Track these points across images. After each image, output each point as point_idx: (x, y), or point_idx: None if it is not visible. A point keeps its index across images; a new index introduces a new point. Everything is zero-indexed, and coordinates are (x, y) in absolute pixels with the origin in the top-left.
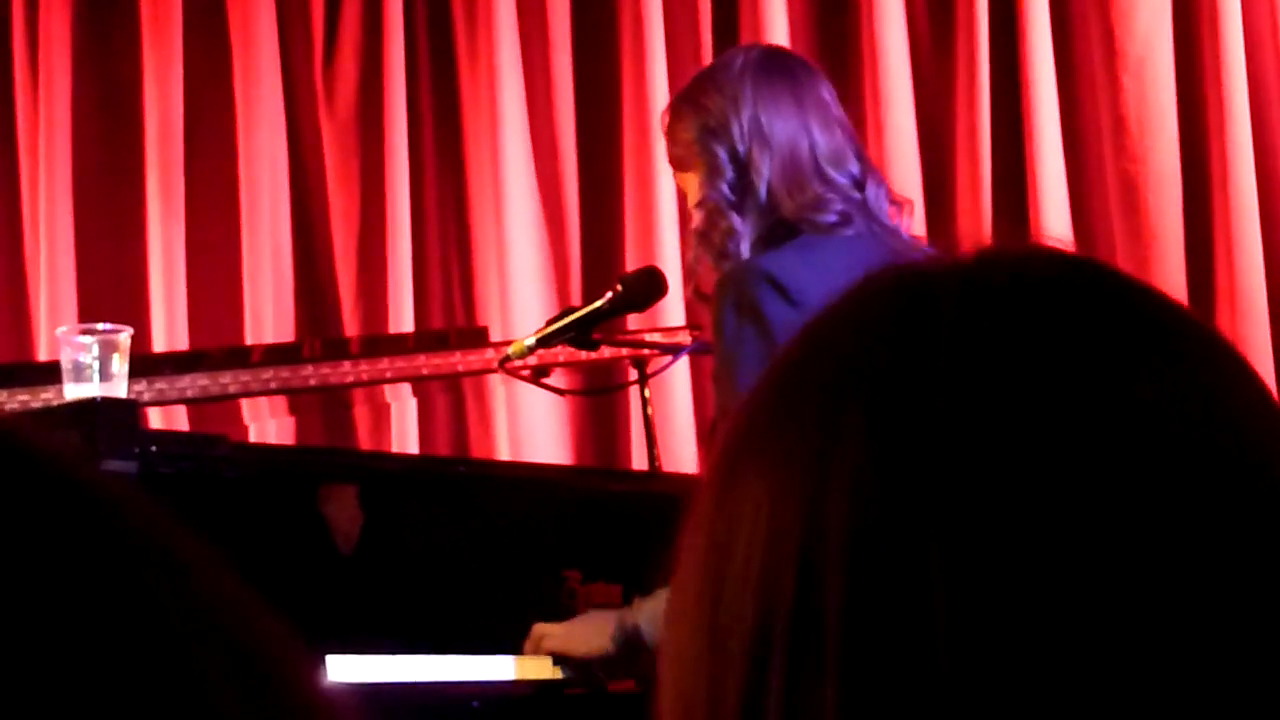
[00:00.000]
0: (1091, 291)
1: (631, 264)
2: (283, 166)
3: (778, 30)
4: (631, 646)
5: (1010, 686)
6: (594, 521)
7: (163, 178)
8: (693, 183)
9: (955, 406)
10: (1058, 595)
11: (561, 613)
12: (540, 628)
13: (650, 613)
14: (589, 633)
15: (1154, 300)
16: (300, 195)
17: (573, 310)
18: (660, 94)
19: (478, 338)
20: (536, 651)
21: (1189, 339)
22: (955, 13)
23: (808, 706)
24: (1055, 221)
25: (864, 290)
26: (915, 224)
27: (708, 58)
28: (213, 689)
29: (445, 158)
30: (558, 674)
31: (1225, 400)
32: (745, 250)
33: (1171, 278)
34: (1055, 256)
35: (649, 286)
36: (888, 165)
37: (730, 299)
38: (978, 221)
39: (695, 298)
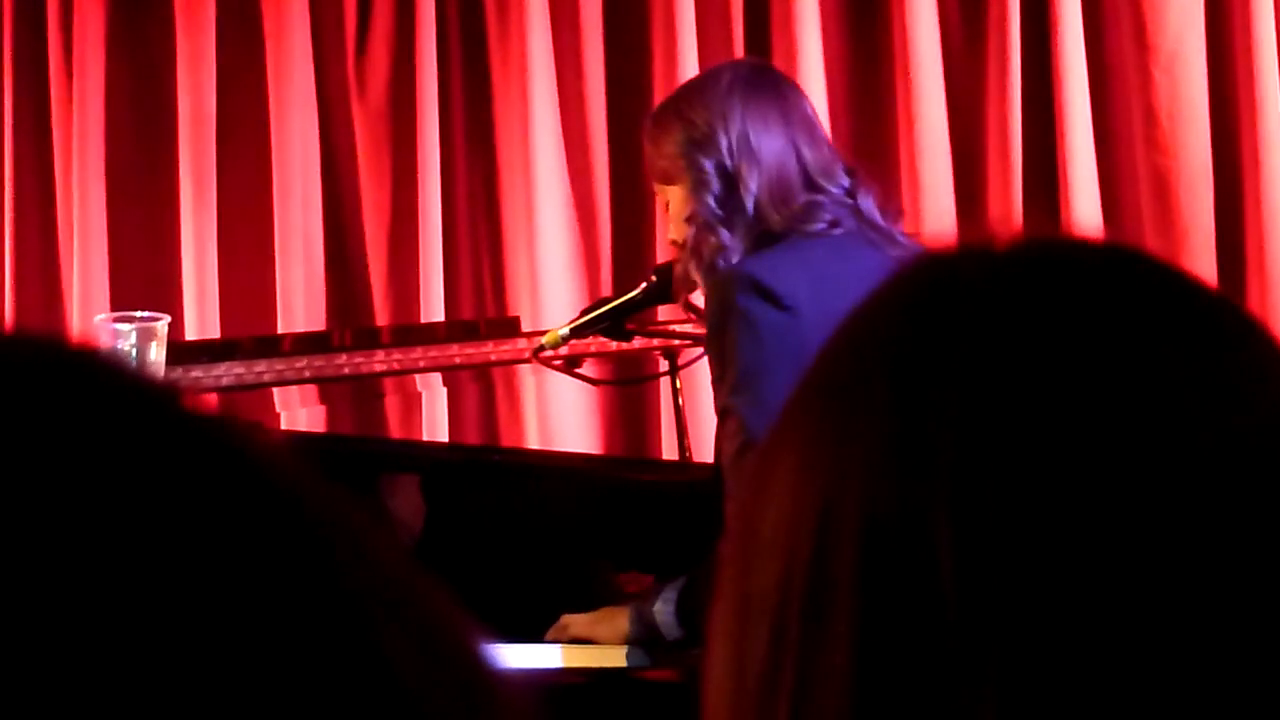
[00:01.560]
0: (1123, 276)
1: (661, 255)
2: (315, 156)
3: (809, 23)
4: (650, 635)
5: (1011, 641)
6: (625, 512)
7: (195, 167)
8: (676, 195)
9: (975, 383)
10: (1065, 570)
11: (595, 602)
12: (566, 618)
13: (664, 600)
14: (610, 622)
15: (1189, 285)
16: (332, 185)
17: (606, 300)
18: None
19: (509, 327)
20: (561, 638)
21: (1224, 325)
22: (987, 6)
23: (822, 656)
24: (1086, 216)
25: (899, 275)
26: (945, 221)
27: (739, 48)
28: (399, 664)
29: (477, 148)
30: (607, 661)
31: (1259, 387)
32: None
33: (1202, 271)
34: (1088, 244)
35: None
36: (918, 160)
37: (719, 306)
38: (1009, 216)
39: (685, 309)
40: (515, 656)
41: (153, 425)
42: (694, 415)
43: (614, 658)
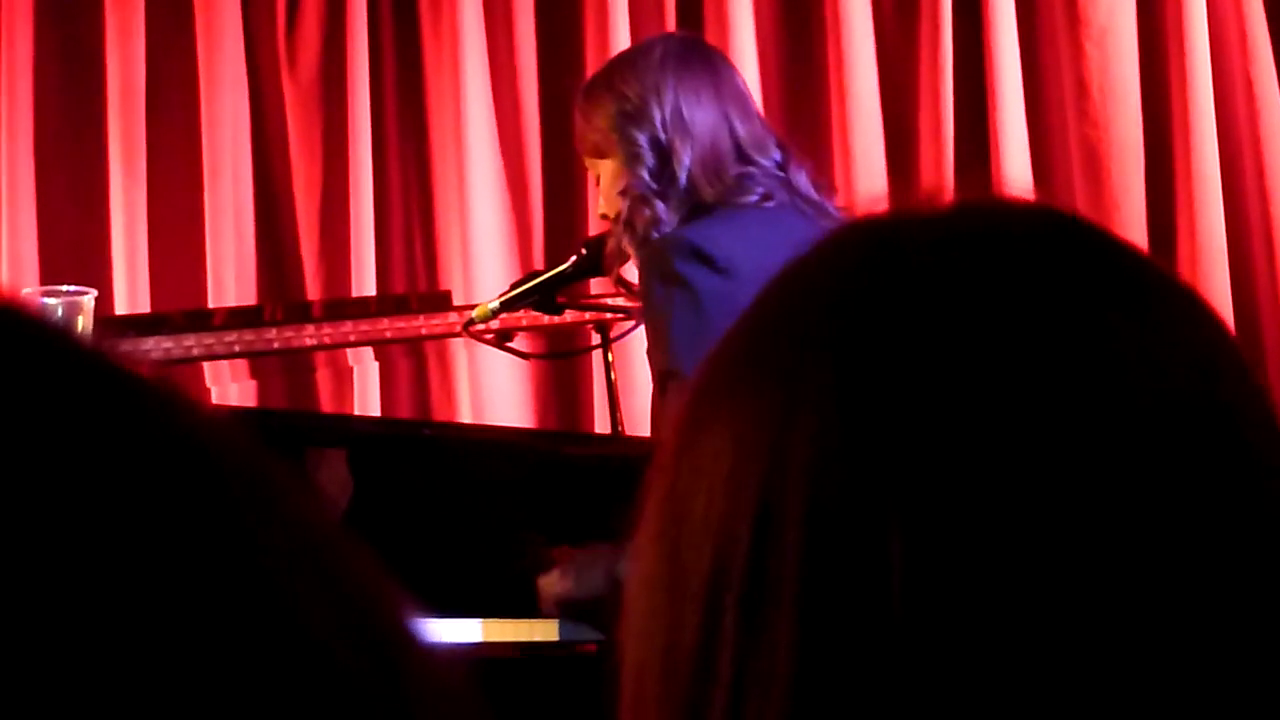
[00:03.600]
0: (1065, 243)
1: (594, 228)
2: (245, 129)
3: None
4: (616, 588)
5: (963, 639)
6: (557, 485)
7: (124, 140)
8: (608, 169)
9: (924, 360)
10: (1017, 550)
11: (527, 577)
12: (544, 581)
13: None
14: (585, 574)
15: (1129, 255)
16: (263, 158)
17: (537, 274)
18: None
19: (440, 301)
20: (547, 604)
21: (1162, 293)
22: None
23: (761, 653)
24: (1018, 188)
25: (836, 239)
26: (877, 194)
27: (671, 21)
28: (312, 623)
29: (408, 121)
30: (522, 636)
31: (1198, 358)
32: None
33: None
34: (1029, 209)
35: None
36: (850, 131)
37: (656, 273)
38: (941, 188)
39: (616, 284)
40: (439, 631)
41: (63, 377)
42: (626, 388)
43: (545, 631)
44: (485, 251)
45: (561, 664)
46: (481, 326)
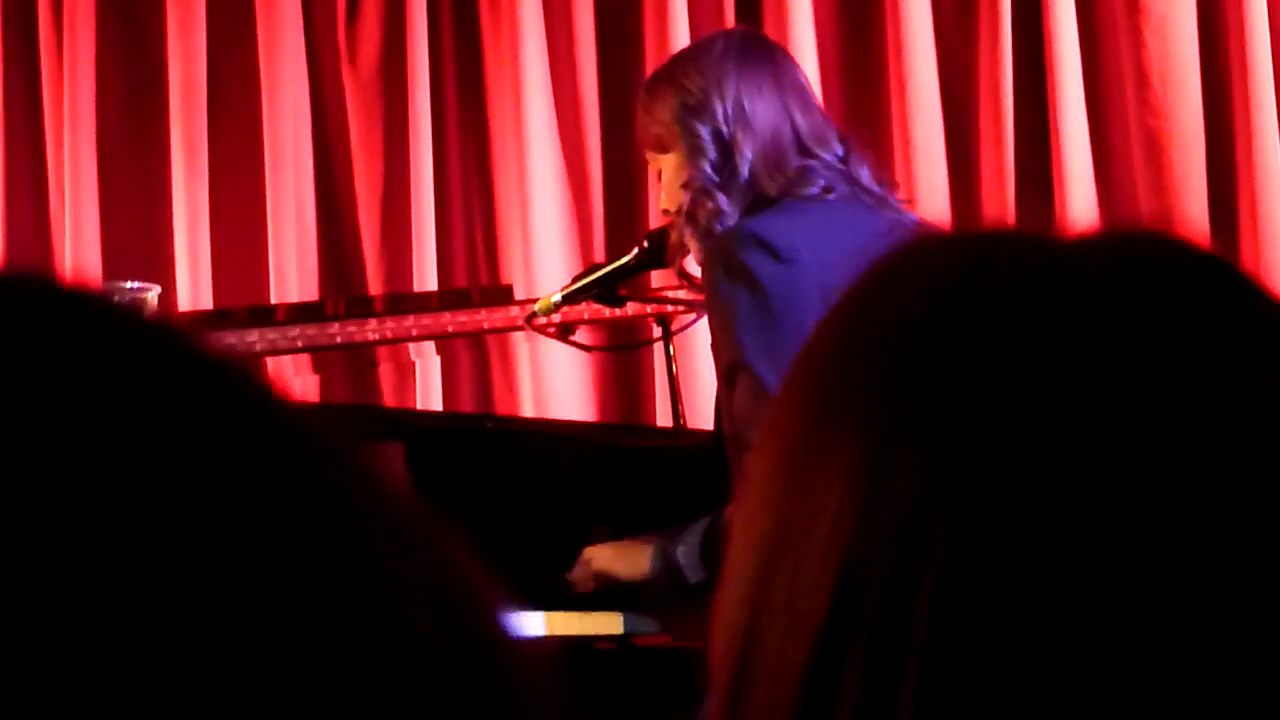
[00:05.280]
0: (1236, 296)
1: (654, 221)
2: (306, 124)
3: None
4: (672, 575)
5: (1108, 706)
6: (620, 478)
7: (186, 136)
8: (670, 163)
9: (1102, 410)
10: (1179, 628)
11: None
12: (589, 551)
13: (689, 549)
14: (633, 556)
15: (1262, 295)
16: (324, 153)
17: (599, 266)
18: None
19: (502, 295)
20: (585, 571)
21: None
22: None
23: (885, 690)
24: (1079, 177)
25: (984, 248)
26: (938, 188)
27: (730, 15)
28: (402, 601)
29: (468, 115)
30: (586, 630)
31: None
32: None
33: (1195, 233)
34: (1195, 252)
35: None
36: (910, 123)
37: (720, 265)
38: (1000, 178)
39: (679, 276)
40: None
41: (155, 362)
42: (688, 381)
43: (608, 624)
44: (546, 245)
45: (624, 657)
46: (544, 320)
